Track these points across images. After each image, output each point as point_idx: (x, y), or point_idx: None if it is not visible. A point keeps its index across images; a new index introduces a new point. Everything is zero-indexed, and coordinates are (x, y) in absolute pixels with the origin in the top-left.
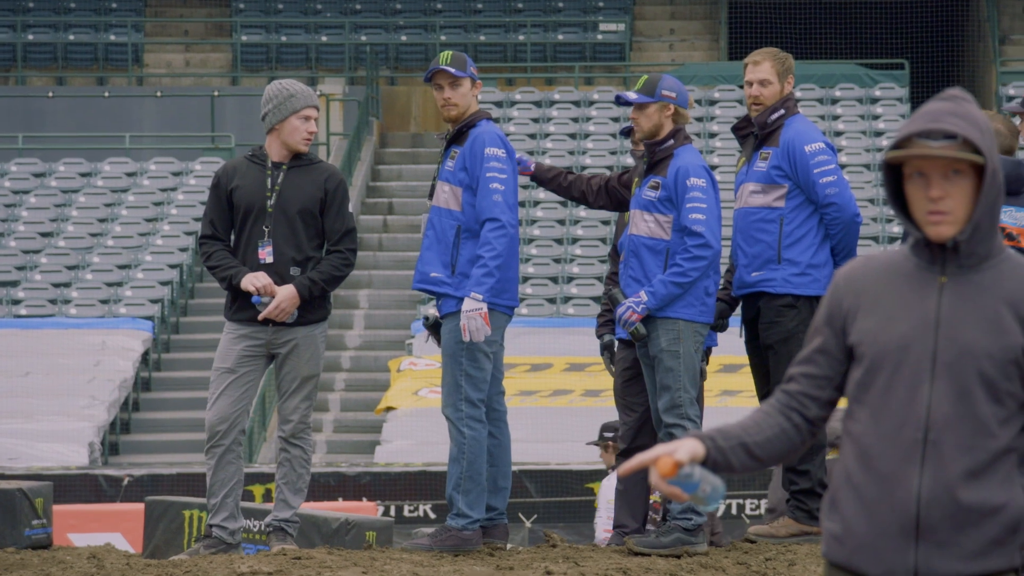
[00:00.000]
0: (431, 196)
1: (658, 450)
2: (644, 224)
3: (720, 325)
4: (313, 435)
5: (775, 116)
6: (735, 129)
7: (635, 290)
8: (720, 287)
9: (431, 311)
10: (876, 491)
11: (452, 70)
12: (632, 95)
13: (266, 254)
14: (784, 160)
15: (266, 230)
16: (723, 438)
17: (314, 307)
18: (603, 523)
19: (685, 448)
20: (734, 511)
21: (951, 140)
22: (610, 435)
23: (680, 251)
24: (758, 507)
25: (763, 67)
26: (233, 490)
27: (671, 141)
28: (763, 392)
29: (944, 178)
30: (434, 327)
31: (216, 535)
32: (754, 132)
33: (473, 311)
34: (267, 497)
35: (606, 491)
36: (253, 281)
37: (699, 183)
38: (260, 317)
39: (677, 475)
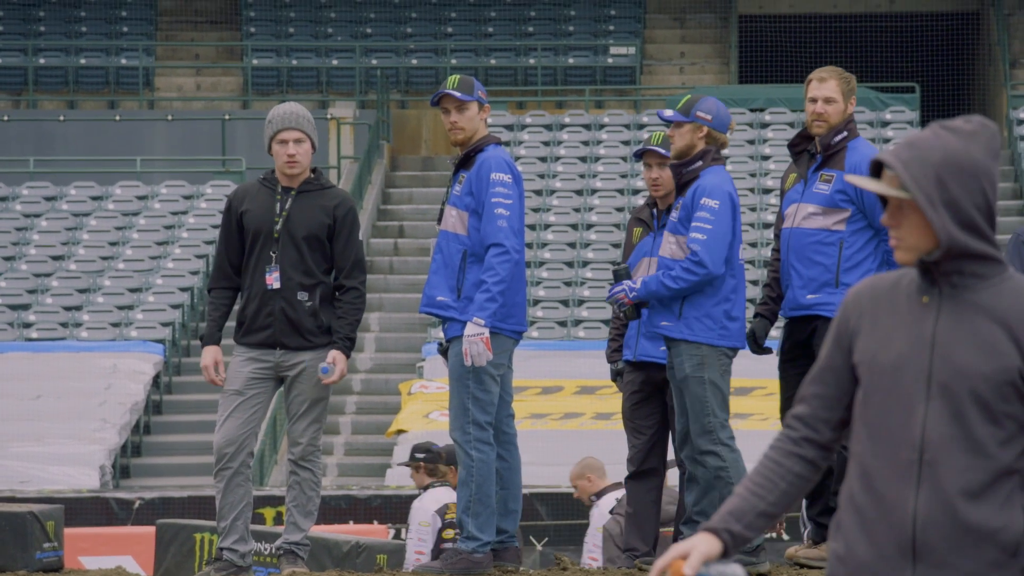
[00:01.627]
0: (440, 220)
1: (673, 553)
2: (668, 246)
3: (762, 349)
4: (323, 458)
5: (838, 138)
6: (791, 146)
7: (659, 312)
8: (760, 301)
9: (443, 335)
10: (875, 512)
11: (457, 94)
12: (668, 112)
13: (273, 280)
14: (850, 185)
15: (273, 255)
16: (736, 519)
17: (323, 331)
18: (414, 545)
19: (697, 553)
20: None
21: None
22: (421, 455)
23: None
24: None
25: (829, 84)
26: (242, 513)
27: (699, 163)
28: None
29: (896, 207)
30: (447, 352)
31: (227, 558)
32: (810, 150)
33: (474, 336)
34: (278, 520)
35: (417, 513)
36: (206, 371)
37: (711, 204)
38: (325, 382)
39: None
